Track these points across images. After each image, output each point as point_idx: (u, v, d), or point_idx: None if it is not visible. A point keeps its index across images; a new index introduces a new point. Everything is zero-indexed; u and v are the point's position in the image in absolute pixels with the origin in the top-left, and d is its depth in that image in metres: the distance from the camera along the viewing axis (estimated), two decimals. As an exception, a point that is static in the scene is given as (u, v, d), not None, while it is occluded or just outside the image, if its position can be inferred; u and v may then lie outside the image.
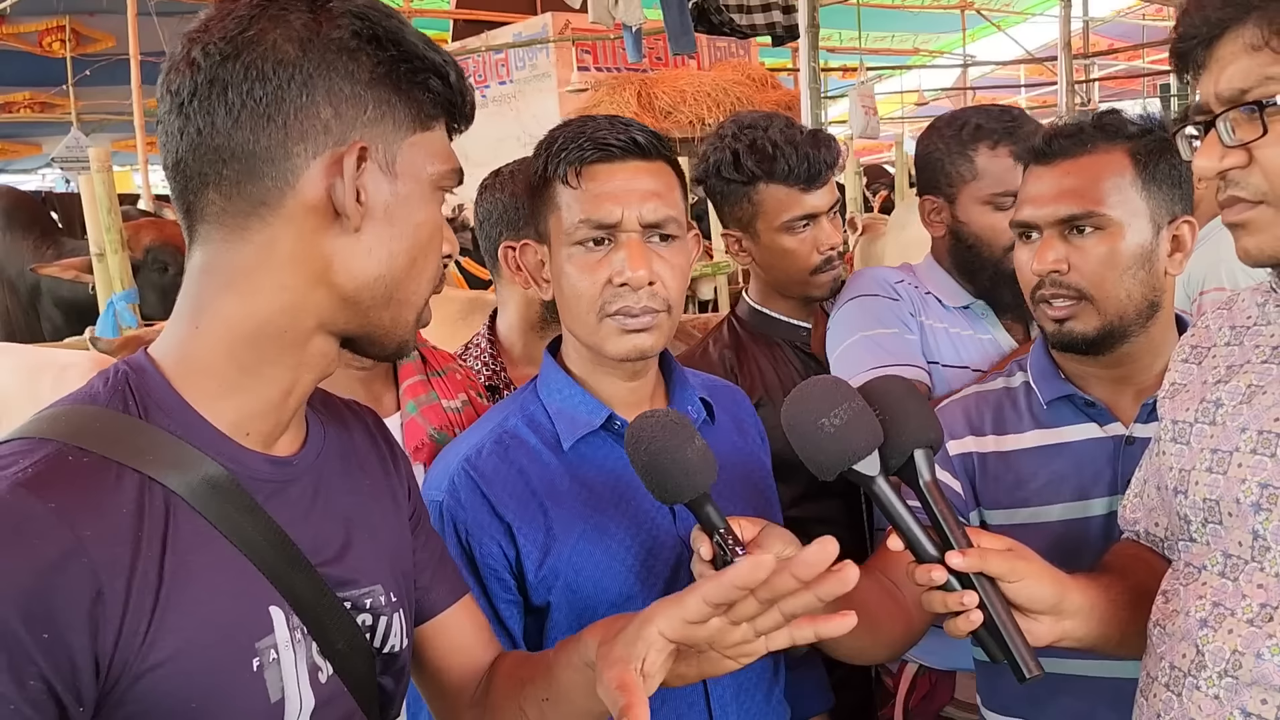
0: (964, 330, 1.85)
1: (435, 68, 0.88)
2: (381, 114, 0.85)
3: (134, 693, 0.75)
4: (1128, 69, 13.81)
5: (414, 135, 0.88)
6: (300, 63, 0.82)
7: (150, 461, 0.80)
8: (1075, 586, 1.09)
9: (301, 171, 0.83)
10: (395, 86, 0.86)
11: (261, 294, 0.85)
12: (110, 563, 0.75)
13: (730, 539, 1.08)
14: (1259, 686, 0.95)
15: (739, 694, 1.33)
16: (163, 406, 0.84)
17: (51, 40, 9.11)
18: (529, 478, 1.29)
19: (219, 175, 0.83)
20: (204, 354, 0.86)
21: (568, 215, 1.26)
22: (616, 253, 1.24)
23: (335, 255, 0.85)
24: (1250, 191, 0.97)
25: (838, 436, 1.02)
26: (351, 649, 0.92)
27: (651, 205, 1.25)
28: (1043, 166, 1.43)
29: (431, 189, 0.91)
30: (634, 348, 1.26)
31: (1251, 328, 1.10)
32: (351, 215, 0.84)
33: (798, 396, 1.06)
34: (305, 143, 0.83)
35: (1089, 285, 1.38)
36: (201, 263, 0.86)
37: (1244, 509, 0.99)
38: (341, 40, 0.83)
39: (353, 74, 0.84)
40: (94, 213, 2.74)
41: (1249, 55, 0.94)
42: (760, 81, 7.84)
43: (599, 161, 1.25)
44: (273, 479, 0.89)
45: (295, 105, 0.82)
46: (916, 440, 1.06)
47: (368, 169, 0.85)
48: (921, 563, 1.05)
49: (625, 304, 1.24)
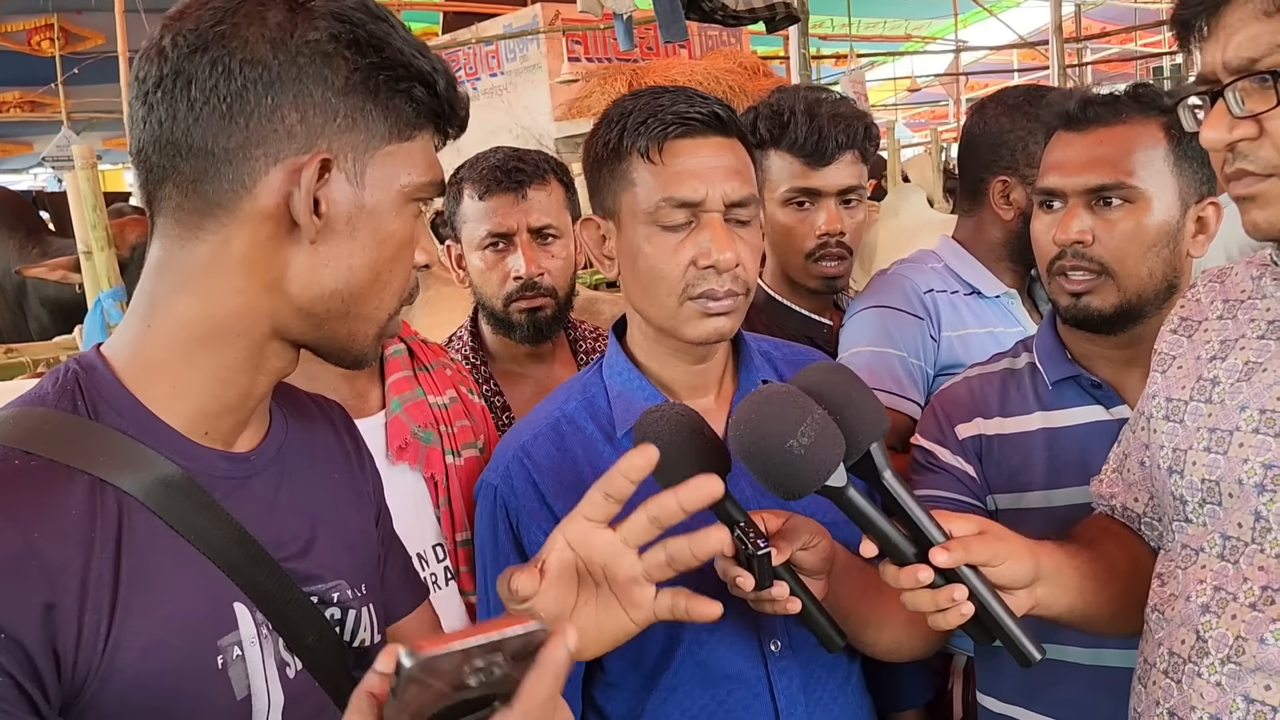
0: (1007, 329, 1.78)
1: (421, 76, 0.85)
2: (353, 123, 0.82)
3: (102, 696, 0.75)
4: (1120, 52, 13.78)
5: (389, 145, 0.85)
6: (270, 64, 0.79)
7: (101, 463, 0.79)
8: (1043, 552, 1.07)
9: (260, 176, 0.80)
10: (373, 95, 0.83)
11: (215, 297, 0.83)
12: (62, 566, 0.74)
13: (751, 532, 1.05)
14: (1263, 672, 0.93)
15: (808, 683, 1.27)
16: (114, 405, 0.82)
17: (40, 39, 9.07)
18: (580, 466, 1.26)
19: (176, 170, 0.81)
20: (157, 353, 0.84)
21: (645, 193, 1.21)
22: (701, 233, 1.20)
23: (290, 265, 0.83)
24: (1260, 165, 0.93)
25: (809, 457, 0.95)
26: (321, 643, 0.91)
27: (735, 184, 1.21)
28: (1074, 133, 1.38)
29: (404, 201, 0.87)
30: (714, 330, 1.22)
31: (1245, 301, 1.07)
32: (306, 227, 0.81)
33: (753, 420, 0.98)
34: (266, 147, 0.80)
35: (1111, 259, 1.34)
36: (157, 258, 0.84)
37: (1246, 490, 0.97)
38: (318, 43, 0.80)
39: (326, 79, 0.81)
40: (80, 210, 2.71)
41: (1259, 21, 0.90)
42: (753, 69, 7.82)
43: (682, 137, 1.20)
44: (231, 475, 0.87)
45: (260, 107, 0.79)
46: (871, 434, 1.01)
47: (332, 179, 0.82)
48: (902, 565, 1.00)
49: (710, 286, 1.20)
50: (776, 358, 1.41)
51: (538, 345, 1.81)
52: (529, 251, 1.73)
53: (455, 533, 1.47)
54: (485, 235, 1.74)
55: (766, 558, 1.05)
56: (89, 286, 2.83)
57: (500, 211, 1.73)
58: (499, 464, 1.30)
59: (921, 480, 1.48)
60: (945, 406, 1.50)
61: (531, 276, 1.73)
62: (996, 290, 1.83)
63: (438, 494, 1.46)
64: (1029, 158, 1.75)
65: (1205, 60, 0.96)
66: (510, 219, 1.73)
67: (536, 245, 1.75)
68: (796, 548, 1.11)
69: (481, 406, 1.63)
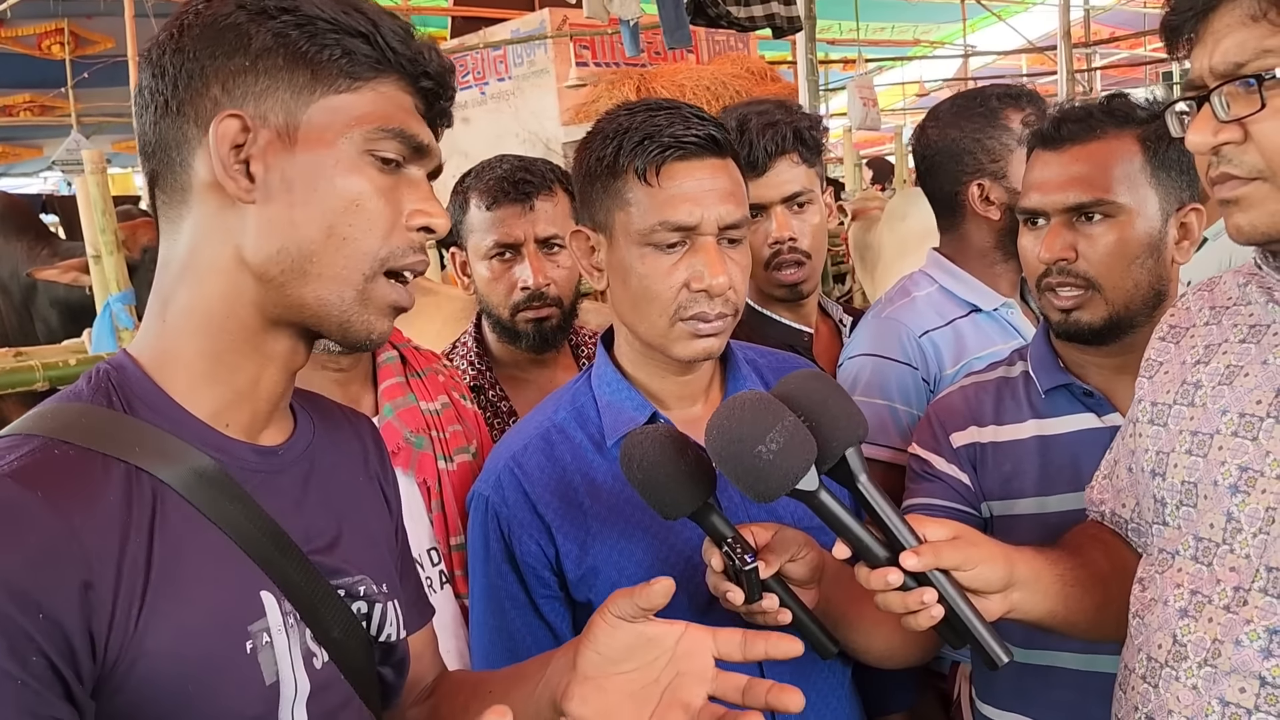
0: (1008, 344, 1.77)
1: (348, 28, 0.86)
2: (274, 81, 0.85)
3: (132, 677, 0.77)
4: (1129, 57, 13.75)
5: (325, 99, 0.85)
6: (189, 49, 0.85)
7: (137, 453, 0.82)
8: (1020, 559, 1.08)
9: (196, 151, 0.85)
10: (290, 52, 0.85)
11: (202, 282, 0.87)
12: (99, 549, 0.77)
13: (740, 547, 1.07)
14: (1237, 674, 0.93)
15: (800, 687, 1.27)
16: (146, 400, 0.86)
17: (50, 43, 9.10)
18: (571, 476, 1.28)
19: (154, 171, 0.88)
20: (173, 346, 0.88)
21: (640, 214, 1.22)
22: (694, 256, 1.22)
23: (241, 231, 0.86)
24: (1244, 168, 0.95)
25: (778, 462, 0.98)
26: (347, 636, 0.93)
27: (729, 207, 1.22)
28: (1051, 152, 1.40)
29: (354, 153, 0.86)
30: (703, 350, 1.25)
31: (1230, 307, 1.08)
32: (228, 186, 0.84)
33: (725, 425, 1.00)
34: (198, 124, 0.85)
35: (1097, 274, 1.36)
36: (162, 257, 0.89)
37: (1221, 491, 0.98)
38: (226, 17, 0.85)
39: (240, 48, 0.85)
40: (89, 215, 2.73)
41: (1246, 28, 0.91)
42: (760, 75, 7.82)
43: (679, 160, 1.21)
44: (260, 469, 0.90)
45: (189, 90, 0.85)
46: (846, 440, 1.03)
47: (261, 139, 0.84)
48: (874, 567, 1.02)
49: (701, 309, 1.22)
50: (763, 365, 1.42)
51: (542, 354, 1.82)
52: (536, 262, 1.74)
53: (450, 537, 1.48)
54: (492, 245, 1.76)
55: (754, 572, 1.08)
56: (98, 290, 2.84)
57: (507, 222, 1.75)
58: (490, 474, 1.31)
59: (917, 488, 1.49)
60: (941, 415, 1.52)
61: (539, 287, 1.74)
62: (994, 303, 1.83)
63: (430, 499, 1.47)
64: (990, 154, 1.79)
65: (1193, 66, 0.98)
66: (517, 230, 1.74)
67: (543, 255, 1.76)
68: (785, 560, 1.12)
69: (474, 412, 1.64)
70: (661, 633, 0.93)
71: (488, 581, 1.31)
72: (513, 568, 1.27)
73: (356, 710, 0.95)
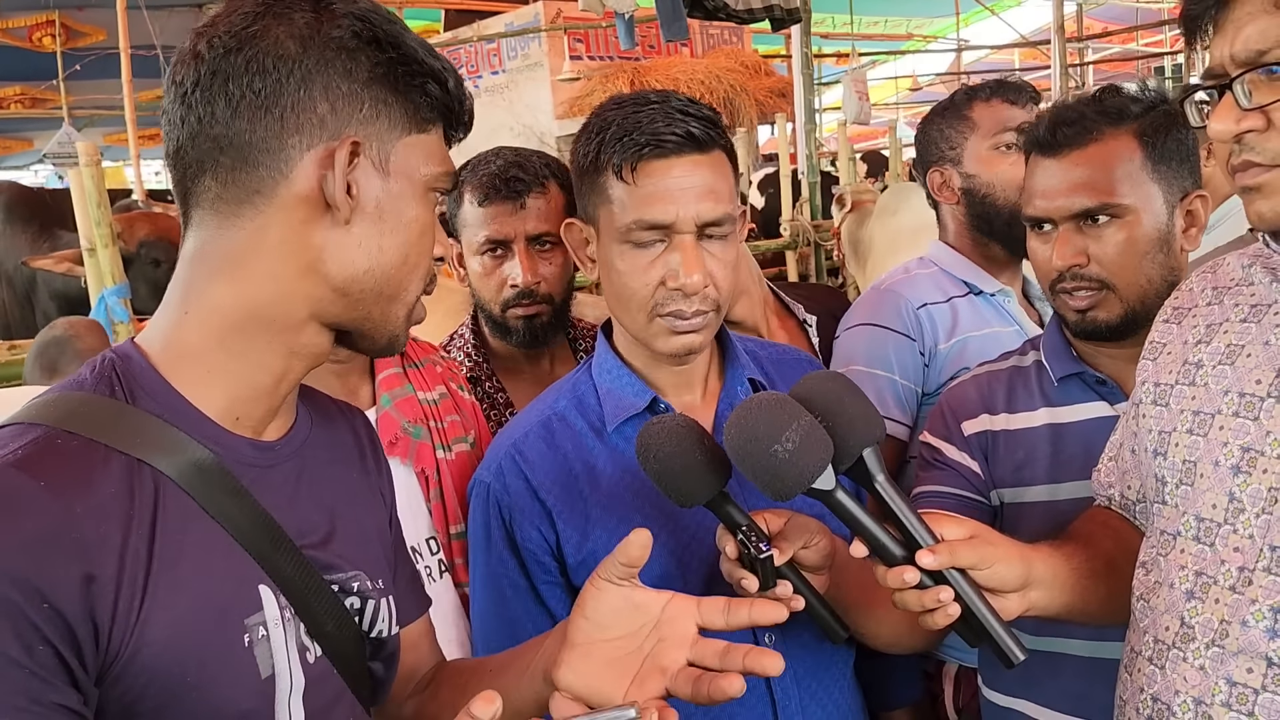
0: (1005, 327, 1.82)
1: (433, 73, 0.91)
2: (377, 113, 0.88)
3: (133, 666, 0.78)
4: (1122, 52, 13.78)
5: (409, 136, 0.91)
6: (300, 59, 0.85)
7: (138, 444, 0.82)
8: (1038, 557, 1.08)
9: (295, 162, 0.86)
10: (392, 87, 0.89)
11: (252, 281, 0.87)
12: (101, 540, 0.77)
13: (754, 535, 1.08)
14: (1245, 655, 0.94)
15: (800, 675, 1.29)
16: (149, 391, 0.86)
17: (41, 35, 9.07)
18: (571, 462, 1.29)
19: (216, 162, 0.86)
20: (191, 339, 0.88)
21: (619, 211, 1.23)
22: (671, 254, 1.22)
23: (325, 246, 0.88)
24: (1267, 156, 0.95)
25: (794, 461, 0.99)
26: (340, 631, 0.94)
27: (707, 205, 1.21)
28: (1049, 158, 1.39)
29: (424, 190, 0.93)
30: (683, 346, 1.25)
31: (1233, 288, 1.09)
32: (341, 207, 0.86)
33: (743, 425, 1.02)
34: (300, 135, 0.85)
35: (1110, 275, 1.36)
36: (194, 248, 0.88)
37: (1222, 471, 0.99)
38: (341, 39, 0.86)
39: (351, 72, 0.87)
40: (83, 207, 2.72)
41: (1268, 15, 0.91)
42: (754, 68, 7.83)
43: (655, 157, 1.21)
44: (256, 463, 0.90)
45: (293, 99, 0.85)
46: (863, 440, 1.03)
47: (360, 164, 0.87)
48: (891, 566, 1.03)
49: (678, 307, 1.22)
50: (763, 356, 1.43)
51: (533, 349, 1.82)
52: (526, 260, 1.74)
53: (449, 526, 1.48)
54: (484, 241, 1.75)
55: (769, 560, 1.08)
56: (92, 283, 2.83)
57: (499, 219, 1.74)
58: (491, 462, 1.32)
59: (927, 476, 1.50)
60: (952, 404, 1.52)
61: (528, 285, 1.74)
62: (993, 287, 1.87)
63: (429, 488, 1.48)
64: (949, 141, 1.90)
65: (1213, 55, 0.97)
66: (508, 227, 1.74)
67: (534, 253, 1.75)
68: (798, 547, 1.13)
69: (471, 402, 1.65)
70: (648, 599, 0.95)
71: (489, 568, 1.32)
72: (514, 554, 1.28)
73: (349, 705, 0.96)
